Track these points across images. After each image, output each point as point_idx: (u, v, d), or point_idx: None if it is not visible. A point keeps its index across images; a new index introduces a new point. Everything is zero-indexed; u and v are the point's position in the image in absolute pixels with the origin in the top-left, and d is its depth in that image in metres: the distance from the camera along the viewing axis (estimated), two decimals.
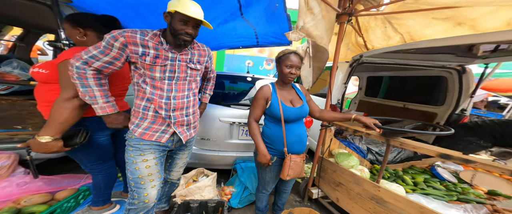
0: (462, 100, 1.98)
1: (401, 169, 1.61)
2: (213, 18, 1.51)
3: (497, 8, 1.12)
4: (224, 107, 1.69)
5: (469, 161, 0.75)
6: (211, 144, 1.65)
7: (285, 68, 0.98)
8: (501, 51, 1.54)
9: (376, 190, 1.11)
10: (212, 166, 1.71)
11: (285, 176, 1.00)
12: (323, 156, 1.52)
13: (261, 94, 1.03)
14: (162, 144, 0.91)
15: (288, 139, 1.02)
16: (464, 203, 1.05)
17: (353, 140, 2.20)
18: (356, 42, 2.04)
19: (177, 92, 0.88)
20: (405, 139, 0.98)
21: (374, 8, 1.33)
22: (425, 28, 1.47)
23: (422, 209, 0.89)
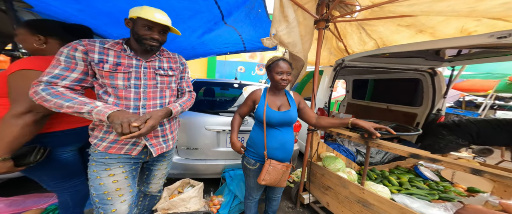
0: (437, 101, 2.10)
1: (388, 169, 1.62)
2: (198, 26, 1.52)
3: (448, 17, 1.22)
4: (210, 115, 1.65)
5: (436, 160, 0.77)
6: (198, 153, 1.60)
7: (276, 75, 0.99)
8: (463, 55, 1.67)
9: (361, 192, 1.09)
10: (200, 176, 1.64)
11: (260, 179, 0.98)
12: (312, 160, 1.50)
13: (251, 96, 1.09)
14: (133, 156, 0.85)
15: (269, 144, 1.01)
16: (445, 201, 1.05)
17: (343, 142, 2.21)
18: (337, 47, 2.12)
19: (146, 101, 0.83)
20: (382, 141, 0.99)
21: (348, 14, 1.40)
22: (394, 34, 1.57)
23: (403, 210, 0.89)
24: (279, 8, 1.07)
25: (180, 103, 0.96)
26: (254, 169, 1.06)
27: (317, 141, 1.50)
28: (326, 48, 2.25)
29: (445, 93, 2.06)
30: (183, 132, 1.57)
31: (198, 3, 1.12)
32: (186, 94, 1.05)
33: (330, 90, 2.14)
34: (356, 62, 1.94)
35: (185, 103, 1.00)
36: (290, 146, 1.06)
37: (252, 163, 1.06)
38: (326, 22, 1.32)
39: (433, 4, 0.96)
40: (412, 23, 1.41)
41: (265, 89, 1.10)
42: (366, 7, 1.21)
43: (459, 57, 1.74)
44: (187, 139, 1.58)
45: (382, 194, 1.08)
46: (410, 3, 1.03)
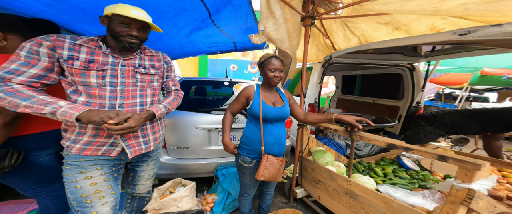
0: (416, 94, 2.22)
1: (374, 161, 1.68)
2: (184, 25, 1.46)
3: (419, 16, 1.29)
4: (201, 114, 1.62)
5: (409, 149, 0.82)
6: (190, 153, 1.58)
7: (269, 72, 1.00)
8: (437, 51, 1.78)
9: (348, 184, 1.12)
10: (192, 175, 1.61)
11: (259, 176, 0.98)
12: (303, 155, 1.52)
13: (243, 92, 1.06)
14: (113, 157, 0.81)
15: (266, 139, 1.01)
16: (423, 189, 1.11)
17: (333, 136, 2.28)
18: (324, 43, 2.16)
19: (124, 100, 0.79)
20: (364, 133, 1.02)
21: (332, 12, 1.43)
22: (374, 31, 1.64)
23: (385, 199, 0.93)
24: (265, 5, 1.06)
25: (165, 105, 0.92)
26: (251, 166, 1.06)
27: (307, 136, 1.53)
28: (314, 45, 2.28)
29: (423, 86, 2.19)
30: (173, 132, 1.53)
31: (183, 0, 1.09)
32: (173, 94, 1.02)
33: (320, 86, 2.18)
34: (342, 59, 1.99)
35: (171, 104, 0.96)
36: (284, 140, 1.08)
37: (248, 161, 1.05)
38: (312, 19, 1.33)
39: (404, 3, 1.01)
40: (389, 21, 1.47)
41: (257, 86, 1.09)
42: (347, 4, 1.25)
43: (433, 53, 1.86)
44: (177, 138, 1.54)
45: (368, 185, 1.12)
46: (385, 2, 1.07)
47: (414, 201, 0.88)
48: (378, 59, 2.10)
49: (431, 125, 1.82)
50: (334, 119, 1.02)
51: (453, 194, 0.74)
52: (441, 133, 1.81)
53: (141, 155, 0.92)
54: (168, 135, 1.53)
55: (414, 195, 0.91)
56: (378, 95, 2.77)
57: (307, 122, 1.14)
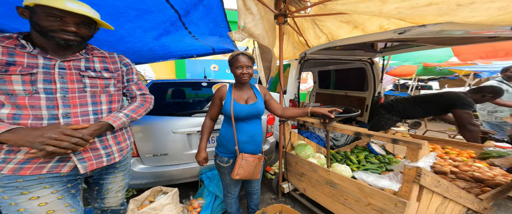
0: (377, 85, 2.50)
1: (349, 150, 1.81)
2: (150, 27, 1.30)
3: (371, 16, 1.45)
4: (178, 118, 1.51)
5: (370, 135, 0.91)
6: (169, 159, 1.47)
7: (237, 70, 0.99)
8: (388, 47, 2.04)
9: (327, 174, 1.17)
10: (175, 181, 1.51)
11: (234, 174, 0.97)
12: (286, 150, 1.54)
13: (216, 94, 1.04)
14: (65, 174, 0.69)
15: (239, 138, 1.00)
16: (389, 172, 1.23)
17: (314, 129, 2.39)
18: (299, 41, 2.24)
19: (69, 109, 0.67)
20: (336, 123, 1.08)
21: (302, 10, 1.48)
22: (338, 29, 1.77)
23: (359, 185, 1.01)
24: (241, 1, 1.02)
25: (126, 113, 0.80)
26: (228, 166, 1.05)
27: (288, 131, 1.55)
28: (290, 43, 2.34)
29: (381, 78, 2.48)
30: (147, 139, 1.41)
31: (145, 2, 0.96)
32: (138, 99, 0.89)
33: (298, 82, 2.24)
34: (316, 55, 2.08)
35: (136, 111, 0.84)
36: (259, 137, 1.07)
37: (225, 160, 1.04)
38: (285, 17, 1.35)
39: (357, 4, 1.11)
40: (349, 20, 1.59)
41: (230, 85, 1.07)
42: (314, 4, 1.31)
43: (386, 49, 2.13)
44: (152, 145, 1.42)
45: (345, 173, 1.18)
46: (343, 3, 1.17)
47: (383, 184, 0.96)
48: (345, 55, 2.28)
49: (389, 113, 2.06)
50: (309, 112, 1.06)
51: (406, 173, 0.83)
52: (397, 119, 2.09)
53: (105, 167, 0.81)
54: (141, 142, 1.40)
55: (383, 178, 1.00)
56: (349, 88, 3.01)
57: (285, 116, 1.16)
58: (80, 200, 0.78)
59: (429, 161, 0.77)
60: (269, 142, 1.88)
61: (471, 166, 1.32)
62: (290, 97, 2.31)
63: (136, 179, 1.40)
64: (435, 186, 0.85)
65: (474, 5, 0.86)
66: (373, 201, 0.96)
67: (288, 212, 1.27)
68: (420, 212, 0.89)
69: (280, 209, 1.32)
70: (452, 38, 1.24)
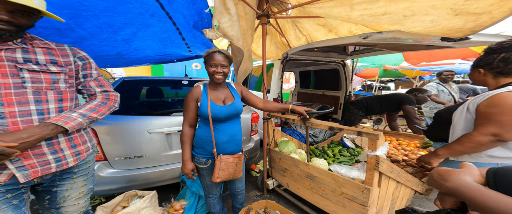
0: (348, 85, 2.76)
1: (326, 145, 1.93)
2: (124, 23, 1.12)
3: (342, 21, 1.57)
4: (154, 117, 1.38)
5: (340, 129, 1.00)
6: (146, 161, 1.35)
7: (210, 67, 0.93)
8: (357, 51, 2.24)
9: (307, 168, 1.23)
10: (154, 184, 1.39)
11: (215, 178, 0.93)
12: (270, 147, 1.55)
13: (190, 97, 0.95)
14: (3, 183, 0.58)
15: (219, 138, 0.96)
16: (357, 163, 1.37)
17: (296, 127, 2.49)
18: (281, 42, 2.29)
19: (4, 107, 0.56)
20: (314, 120, 1.14)
21: (284, 11, 1.51)
22: (316, 32, 1.87)
23: (333, 176, 1.08)
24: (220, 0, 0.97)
25: (82, 112, 0.69)
26: (207, 167, 0.99)
27: (272, 128, 1.57)
28: (273, 43, 2.37)
29: (351, 79, 2.74)
30: (117, 141, 1.26)
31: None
32: (99, 97, 0.77)
33: (281, 81, 2.29)
34: (297, 56, 2.14)
35: (96, 110, 0.73)
36: (239, 137, 1.03)
37: (203, 161, 0.98)
38: (268, 18, 1.35)
39: (331, 9, 1.19)
40: (324, 23, 1.69)
41: (204, 85, 1.00)
42: (294, 6, 1.34)
43: (355, 52, 2.35)
44: (124, 147, 1.28)
45: (322, 166, 1.25)
46: (319, 6, 1.23)
47: (353, 174, 1.06)
48: (322, 56, 2.42)
49: (356, 109, 2.42)
50: (290, 109, 1.08)
51: (369, 161, 0.92)
52: (363, 114, 2.44)
53: (59, 173, 0.70)
54: (109, 145, 1.24)
55: (353, 169, 1.10)
56: (325, 87, 3.22)
57: (267, 109, 1.15)
58: (27, 211, 0.69)
59: (384, 150, 0.88)
60: (254, 140, 1.88)
61: (416, 154, 1.53)
62: (274, 96, 2.35)
63: (103, 185, 1.23)
64: (390, 172, 0.96)
65: (415, 17, 1.01)
66: (346, 190, 1.04)
67: (273, 207, 1.29)
68: (381, 196, 1.00)
69: (265, 205, 1.33)
70: (401, 44, 1.42)
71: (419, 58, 3.48)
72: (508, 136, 0.74)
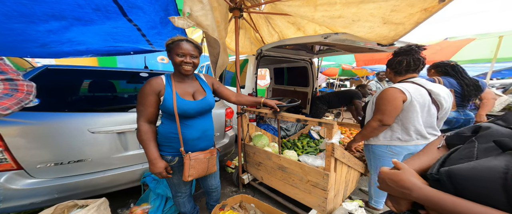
0: (315, 82, 3.05)
1: (297, 138, 2.09)
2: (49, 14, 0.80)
3: (308, 21, 1.65)
4: (99, 114, 1.16)
5: (305, 120, 1.09)
6: (91, 166, 1.14)
7: (177, 57, 0.81)
8: (321, 50, 2.48)
9: (279, 160, 1.29)
10: (103, 191, 1.19)
11: (186, 177, 0.86)
12: (245, 142, 1.55)
13: (148, 89, 0.80)
14: None
15: (190, 135, 0.88)
16: (321, 152, 1.52)
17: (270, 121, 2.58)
18: (255, 37, 2.26)
19: None
20: (285, 113, 1.19)
21: (257, 6, 1.49)
22: (287, 29, 1.93)
23: (300, 166, 1.18)
24: None
25: None
26: (173, 164, 0.90)
27: (246, 123, 1.56)
28: (247, 38, 2.32)
29: (317, 77, 3.04)
30: (40, 144, 1.00)
31: None
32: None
33: (255, 77, 2.29)
34: (270, 52, 2.17)
35: None
36: (211, 132, 0.98)
37: (169, 159, 0.89)
38: (241, 11, 1.29)
39: (299, 8, 1.25)
40: (294, 21, 1.75)
41: (167, 76, 0.88)
42: (266, 1, 1.33)
43: (320, 52, 2.58)
44: (51, 152, 1.03)
45: (293, 157, 1.29)
46: (289, 5, 1.27)
47: (317, 163, 1.18)
48: (293, 54, 2.55)
49: (321, 103, 2.86)
50: (262, 102, 1.10)
51: (327, 149, 1.02)
52: (326, 108, 2.84)
53: None
54: (24, 150, 0.97)
55: (318, 158, 1.22)
56: (297, 84, 3.45)
57: (240, 103, 1.13)
58: None
59: (338, 138, 1.01)
60: (228, 136, 1.83)
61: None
62: (248, 92, 2.34)
63: (19, 200, 0.97)
64: (342, 157, 1.12)
65: (359, 22, 1.18)
66: (311, 177, 1.15)
67: (248, 201, 1.31)
68: (337, 180, 1.16)
69: (240, 200, 1.33)
70: (353, 46, 1.62)
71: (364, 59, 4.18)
72: (387, 120, 0.99)
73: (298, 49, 2.39)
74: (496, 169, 0.27)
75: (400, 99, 0.96)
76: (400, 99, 0.96)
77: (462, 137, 0.39)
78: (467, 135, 0.38)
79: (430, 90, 0.98)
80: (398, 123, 1.04)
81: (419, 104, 0.97)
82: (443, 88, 1.02)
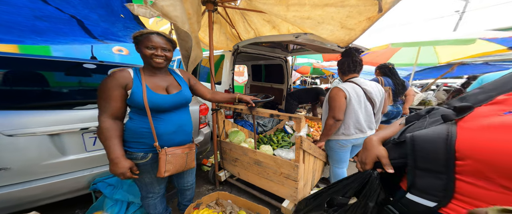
0: (289, 79, 3.23)
1: (272, 133, 2.17)
2: None
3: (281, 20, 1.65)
4: (22, 112, 0.94)
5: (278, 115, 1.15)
6: (9, 176, 0.91)
7: (147, 50, 0.77)
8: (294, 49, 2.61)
9: (255, 155, 1.32)
10: (35, 204, 0.99)
11: (162, 173, 0.81)
12: (221, 139, 1.52)
13: (113, 83, 0.74)
14: None
15: (165, 129, 0.84)
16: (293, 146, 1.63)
17: (248, 118, 2.60)
18: (232, 33, 2.19)
19: None
20: (260, 109, 1.22)
21: (232, 1, 1.44)
22: (262, 27, 1.94)
23: (274, 159, 1.24)
24: None
25: None
26: (146, 162, 0.84)
27: (222, 119, 1.53)
28: (223, 33, 2.22)
29: (291, 74, 3.23)
30: None
31: None
32: None
33: (232, 73, 2.22)
34: (247, 49, 2.15)
35: None
36: (189, 127, 0.95)
37: (140, 156, 0.82)
38: (214, 5, 1.22)
39: (272, 6, 1.28)
40: (270, 19, 1.78)
41: (136, 69, 0.82)
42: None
43: (293, 51, 2.71)
44: None
45: (268, 152, 1.34)
46: (264, 2, 1.28)
47: (290, 156, 1.27)
48: (269, 52, 2.60)
49: (292, 99, 3.05)
50: (237, 97, 1.10)
51: (296, 141, 1.08)
52: (297, 103, 3.12)
53: None
54: None
55: (290, 151, 1.32)
56: (273, 81, 3.57)
57: (215, 100, 1.11)
58: None
59: (305, 131, 1.11)
60: (204, 133, 1.75)
61: None
62: (225, 88, 2.28)
63: None
64: (309, 149, 1.22)
65: (323, 25, 1.30)
66: (283, 170, 1.22)
67: (225, 198, 1.30)
68: (305, 170, 1.26)
69: (217, 197, 1.31)
70: (320, 47, 1.75)
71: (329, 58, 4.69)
72: (338, 115, 1.14)
73: (274, 47, 2.44)
74: (442, 133, 0.37)
75: (342, 96, 1.12)
76: (342, 96, 1.12)
77: (418, 115, 0.51)
78: (422, 114, 0.50)
79: (365, 89, 1.17)
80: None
81: (356, 102, 1.15)
82: (375, 88, 1.21)
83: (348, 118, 1.17)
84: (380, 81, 1.97)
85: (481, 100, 0.39)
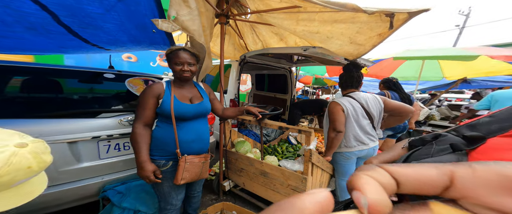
0: (293, 90, 3.26)
1: (276, 143, 2.14)
2: None
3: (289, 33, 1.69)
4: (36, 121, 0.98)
5: (287, 127, 1.15)
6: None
7: (176, 66, 0.89)
8: (299, 60, 2.70)
9: (261, 165, 1.32)
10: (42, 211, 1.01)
11: (178, 180, 0.87)
12: (227, 148, 1.52)
13: (150, 92, 0.86)
14: None
15: (185, 137, 0.91)
16: (298, 157, 1.63)
17: (252, 127, 2.60)
18: (239, 44, 2.28)
19: None
20: (267, 120, 1.24)
21: (243, 15, 1.55)
22: (270, 39, 2.03)
23: (281, 171, 1.23)
24: None
25: None
26: (167, 169, 0.90)
27: (228, 129, 1.55)
28: (231, 44, 2.33)
29: (295, 84, 3.26)
30: None
31: None
32: None
33: (238, 82, 2.28)
34: (253, 59, 2.22)
35: None
36: (207, 136, 1.01)
37: (162, 163, 0.89)
38: (227, 18, 1.30)
39: (282, 20, 1.36)
40: (277, 32, 1.87)
41: (167, 82, 0.94)
42: (253, 11, 1.40)
43: (298, 62, 2.80)
44: None
45: (274, 163, 1.33)
46: (273, 16, 1.37)
47: (296, 167, 1.26)
48: (275, 62, 2.66)
49: (296, 109, 3.00)
50: (245, 110, 1.13)
51: (306, 154, 1.09)
52: (300, 113, 3.10)
53: None
54: None
55: (296, 162, 1.31)
56: (276, 91, 3.60)
57: (225, 116, 1.16)
58: None
59: (314, 144, 1.13)
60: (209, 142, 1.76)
61: None
62: (231, 97, 2.32)
63: None
64: (318, 162, 1.22)
65: (332, 39, 1.37)
66: (291, 181, 1.21)
67: (230, 209, 1.27)
68: (313, 183, 1.25)
69: (222, 207, 1.28)
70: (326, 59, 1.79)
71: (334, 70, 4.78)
72: (339, 127, 1.16)
73: (279, 57, 2.52)
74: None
75: (340, 109, 1.16)
76: (339, 109, 1.17)
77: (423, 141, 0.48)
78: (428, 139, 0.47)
79: (362, 104, 1.21)
80: None
81: (353, 116, 1.18)
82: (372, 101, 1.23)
83: (348, 131, 1.20)
84: (387, 95, 1.99)
85: (494, 131, 0.36)
